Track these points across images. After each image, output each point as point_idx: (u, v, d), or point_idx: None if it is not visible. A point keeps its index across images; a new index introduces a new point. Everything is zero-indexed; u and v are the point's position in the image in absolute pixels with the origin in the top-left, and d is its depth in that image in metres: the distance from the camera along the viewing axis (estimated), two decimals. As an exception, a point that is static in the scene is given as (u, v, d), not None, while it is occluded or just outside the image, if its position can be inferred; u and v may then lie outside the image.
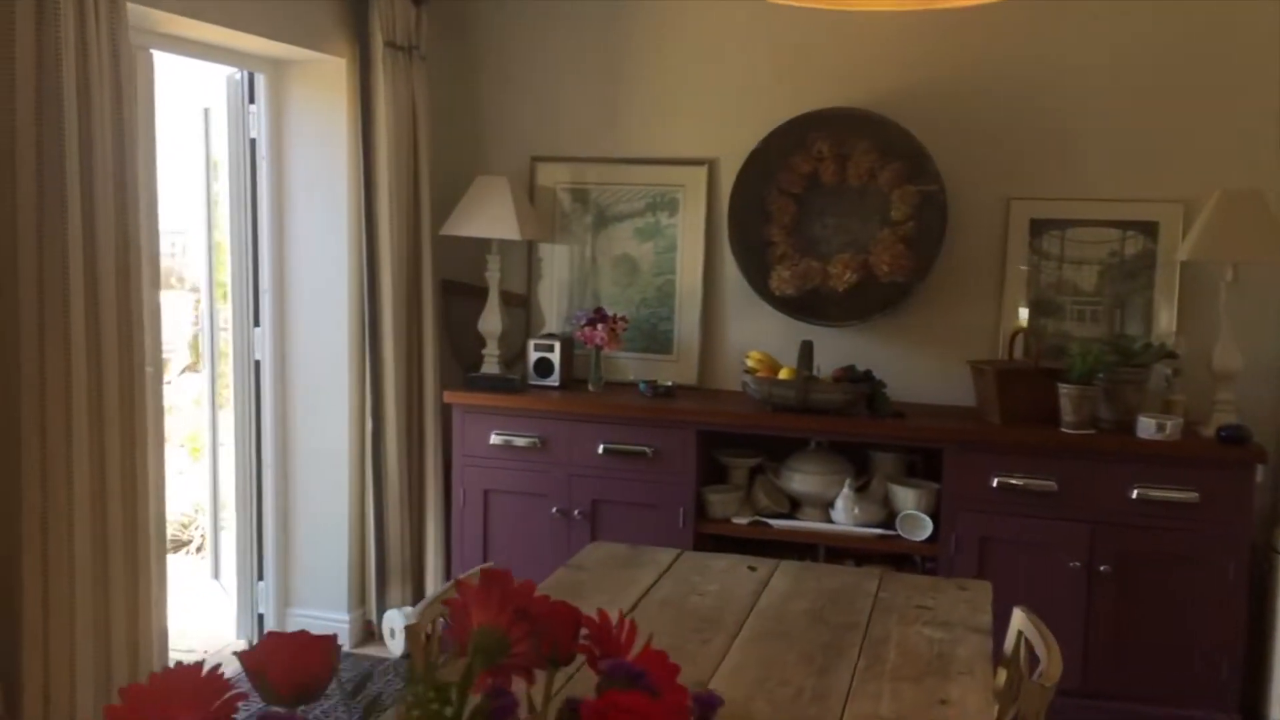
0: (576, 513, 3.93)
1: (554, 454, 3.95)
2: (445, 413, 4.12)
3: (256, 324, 4.06)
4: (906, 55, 3.96)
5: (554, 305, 4.40)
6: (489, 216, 4.02)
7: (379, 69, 3.86)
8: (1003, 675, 2.18)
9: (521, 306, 4.42)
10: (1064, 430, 3.55)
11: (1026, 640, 2.11)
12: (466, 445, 4.04)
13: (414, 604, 4.16)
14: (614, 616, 1.08)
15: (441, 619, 2.19)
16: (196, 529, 5.56)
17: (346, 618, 4.12)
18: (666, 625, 2.20)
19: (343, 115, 3.93)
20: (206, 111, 4.16)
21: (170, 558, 5.49)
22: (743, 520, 3.87)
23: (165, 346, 8.25)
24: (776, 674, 1.97)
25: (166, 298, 8.28)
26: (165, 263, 8.40)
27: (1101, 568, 3.49)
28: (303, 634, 0.71)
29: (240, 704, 0.63)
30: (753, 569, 2.59)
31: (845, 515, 3.80)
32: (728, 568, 2.60)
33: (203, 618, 4.40)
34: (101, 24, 2.57)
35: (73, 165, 2.51)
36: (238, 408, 4.10)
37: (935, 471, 3.72)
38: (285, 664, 0.65)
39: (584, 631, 0.70)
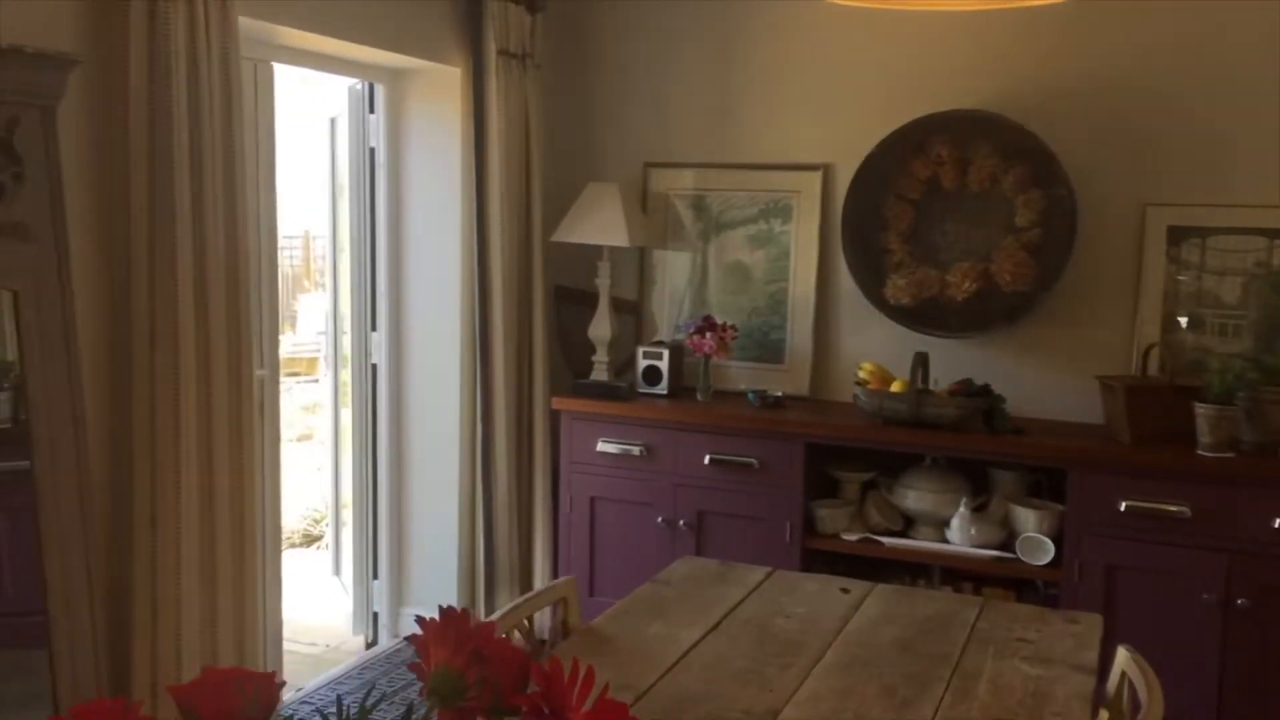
0: (682, 523, 3.87)
1: (660, 463, 3.90)
2: (555, 419, 4.13)
3: (374, 328, 4.15)
4: (1032, 52, 3.77)
5: (665, 312, 4.36)
6: (598, 223, 4.00)
7: (492, 77, 3.90)
8: (1105, 718, 2.03)
9: (633, 313, 4.39)
10: (1200, 453, 3.31)
11: (1130, 681, 1.96)
12: (574, 452, 4.03)
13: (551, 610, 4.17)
14: (690, 637, 1.01)
15: (516, 631, 2.17)
16: (326, 525, 5.73)
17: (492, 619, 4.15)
18: (746, 647, 2.13)
19: (457, 123, 3.98)
20: (333, 121, 4.27)
21: (301, 553, 5.71)
22: (853, 537, 3.75)
23: (310, 347, 8.54)
24: (854, 705, 1.88)
25: (311, 300, 8.59)
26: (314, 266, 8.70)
27: (1239, 601, 3.24)
28: (240, 671, 0.68)
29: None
30: (845, 591, 2.49)
31: (961, 535, 3.64)
32: (819, 589, 2.51)
33: (326, 613, 4.52)
34: (212, 38, 2.65)
35: (182, 174, 2.59)
36: (355, 409, 4.20)
37: (1061, 493, 3.53)
38: (216, 703, 0.63)
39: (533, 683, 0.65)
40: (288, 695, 3.71)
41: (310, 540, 5.83)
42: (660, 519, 3.90)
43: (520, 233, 4.07)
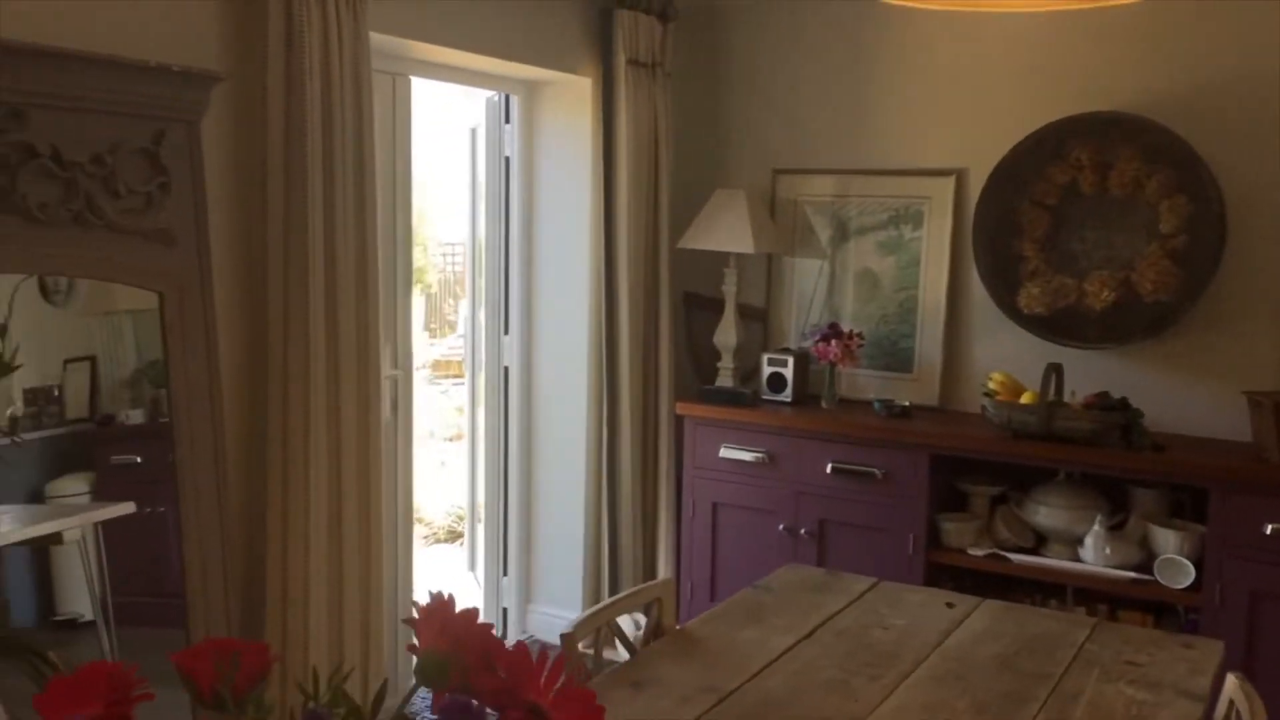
0: (803, 531, 3.85)
1: (782, 470, 3.89)
2: (679, 424, 4.16)
3: (506, 332, 4.27)
4: (1174, 51, 3.60)
5: (793, 319, 4.34)
6: (724, 230, 4.02)
7: (621, 87, 3.97)
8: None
9: (760, 320, 4.39)
10: (1357, 474, 3.10)
11: (1238, 711, 1.86)
12: (697, 457, 4.06)
13: (644, 611, 4.22)
14: (782, 643, 1.03)
15: (607, 627, 2.21)
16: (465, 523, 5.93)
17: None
18: (838, 656, 2.11)
19: (588, 132, 4.06)
20: (474, 131, 4.42)
21: (447, 548, 5.93)
22: (979, 552, 3.65)
23: (450, 350, 8.78)
24: (939, 720, 1.84)
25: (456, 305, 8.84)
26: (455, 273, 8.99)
27: (1400, 636, 3.02)
28: (237, 642, 0.74)
29: (142, 701, 0.66)
30: (951, 605, 2.43)
31: (1096, 555, 3.50)
32: (923, 601, 2.46)
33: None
34: (344, 55, 2.80)
35: (315, 183, 2.74)
36: (489, 411, 4.33)
37: (1203, 513, 3.35)
38: (211, 667, 0.69)
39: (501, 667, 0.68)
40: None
41: (455, 536, 6.05)
42: (782, 526, 3.88)
43: (648, 239, 4.13)
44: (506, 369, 4.29)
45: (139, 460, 2.87)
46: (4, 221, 2.16)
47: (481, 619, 3.03)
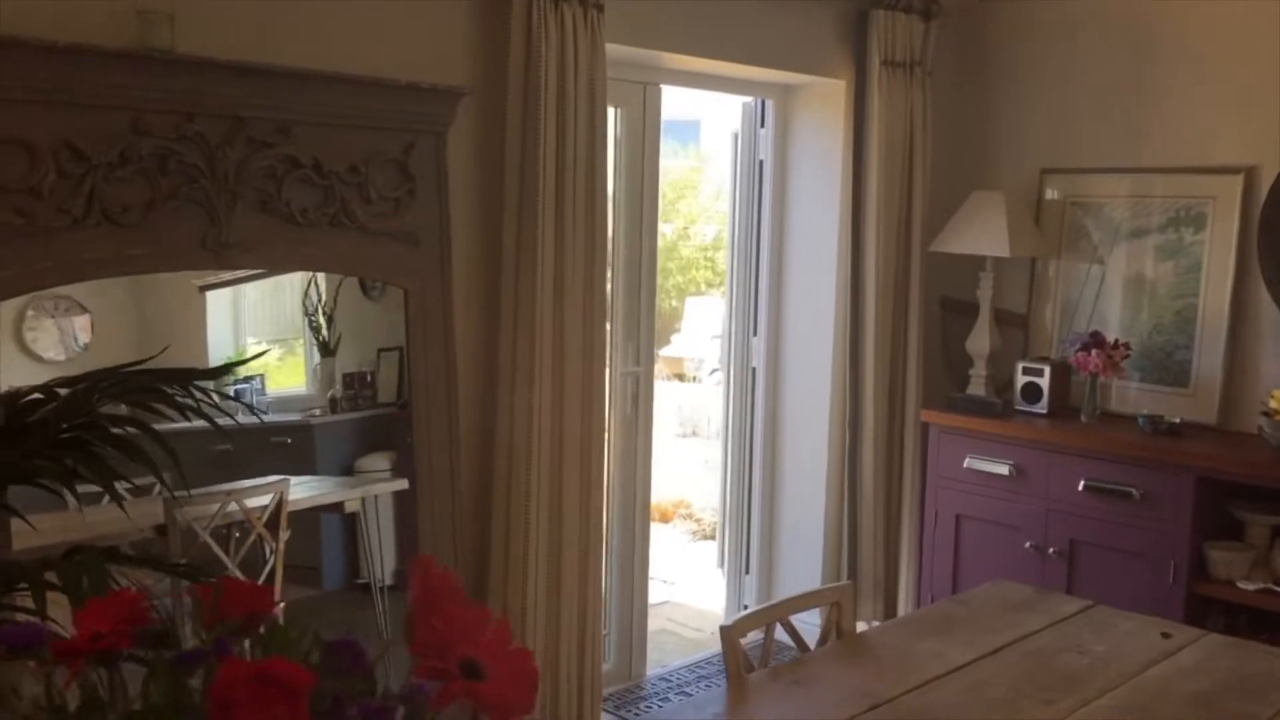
0: (1052, 551, 3.65)
1: (1031, 485, 3.71)
2: (926, 431, 4.06)
3: (755, 333, 4.34)
4: None
5: (1055, 327, 4.11)
6: (979, 232, 3.88)
7: (875, 88, 3.92)
8: None
9: (1020, 327, 4.19)
10: None
11: None
12: (941, 466, 3.94)
13: (884, 619, 4.16)
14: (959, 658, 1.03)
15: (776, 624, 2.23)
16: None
17: (818, 622, 4.22)
18: (1016, 678, 2.03)
19: (839, 134, 4.05)
20: (735, 135, 4.52)
21: (706, 545, 6.07)
22: (1251, 586, 3.32)
23: (673, 350, 8.94)
24: (1104, 752, 1.74)
25: (708, 304, 9.00)
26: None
27: None
28: (250, 583, 0.86)
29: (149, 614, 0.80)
30: (1166, 636, 2.26)
31: (1394, 600, 3.09)
32: (1136, 629, 2.30)
33: (713, 601, 4.77)
34: (580, 69, 2.97)
35: (547, 188, 2.94)
36: (735, 412, 4.41)
37: None
38: (230, 598, 0.81)
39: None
40: (653, 670, 4.01)
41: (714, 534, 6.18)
42: (1029, 544, 3.70)
43: (899, 242, 4.06)
44: (754, 370, 4.35)
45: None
46: (270, 224, 2.49)
47: (722, 614, 3.10)
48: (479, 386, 2.99)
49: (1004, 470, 3.75)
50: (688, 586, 5.16)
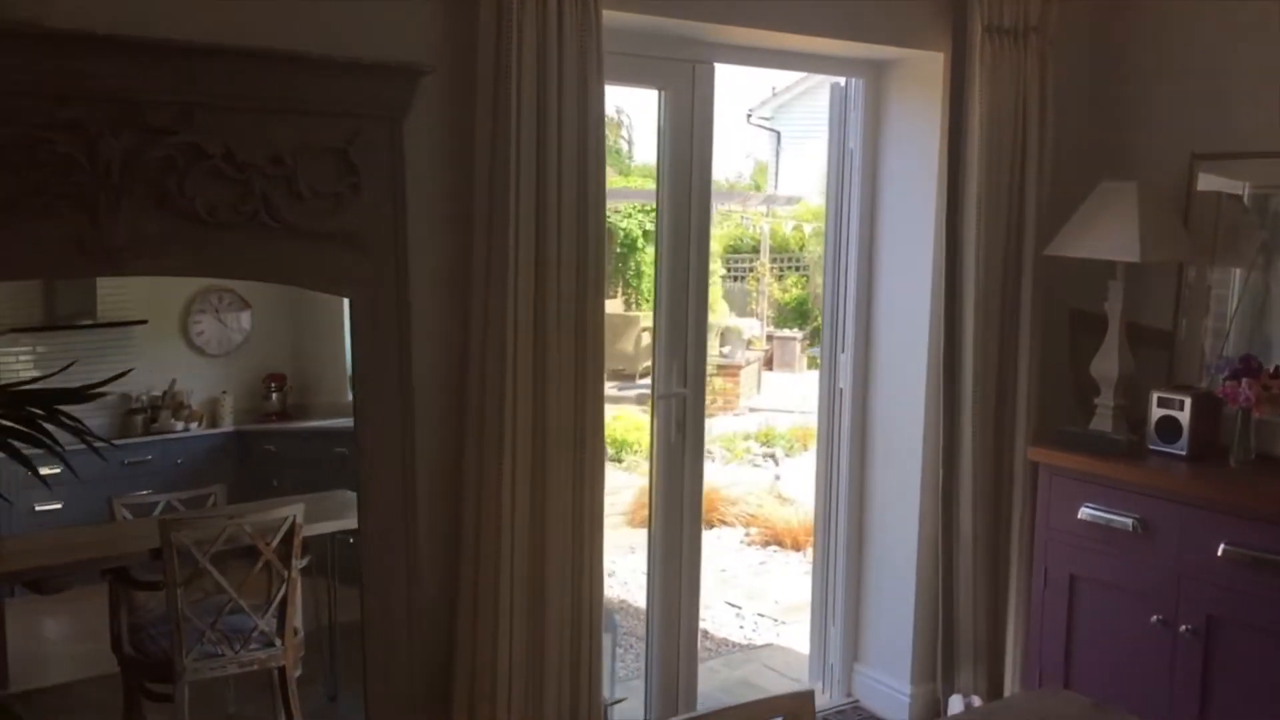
0: (1184, 628, 2.93)
1: (1161, 544, 2.99)
2: (1035, 471, 3.37)
3: (842, 349, 3.75)
4: None
5: (1209, 347, 3.35)
6: (1104, 232, 3.18)
7: (975, 60, 3.29)
8: None
9: (1165, 347, 3.44)
10: None
11: None
12: (1053, 515, 3.26)
13: (986, 694, 3.50)
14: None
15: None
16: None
17: (908, 691, 3.61)
18: None
19: (936, 118, 3.43)
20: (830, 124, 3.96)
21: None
22: None
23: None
24: None
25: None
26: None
27: None
28: None
29: None
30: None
31: None
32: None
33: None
34: (566, 41, 2.52)
35: (526, 182, 2.50)
36: (821, 439, 3.84)
37: None
38: None
39: None
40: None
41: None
42: (1156, 617, 2.98)
43: (1008, 244, 3.40)
44: (841, 391, 3.77)
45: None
46: (169, 223, 2.15)
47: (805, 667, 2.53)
48: (443, 418, 2.58)
49: (1127, 524, 3.05)
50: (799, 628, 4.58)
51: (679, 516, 3.33)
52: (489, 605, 2.55)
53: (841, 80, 3.66)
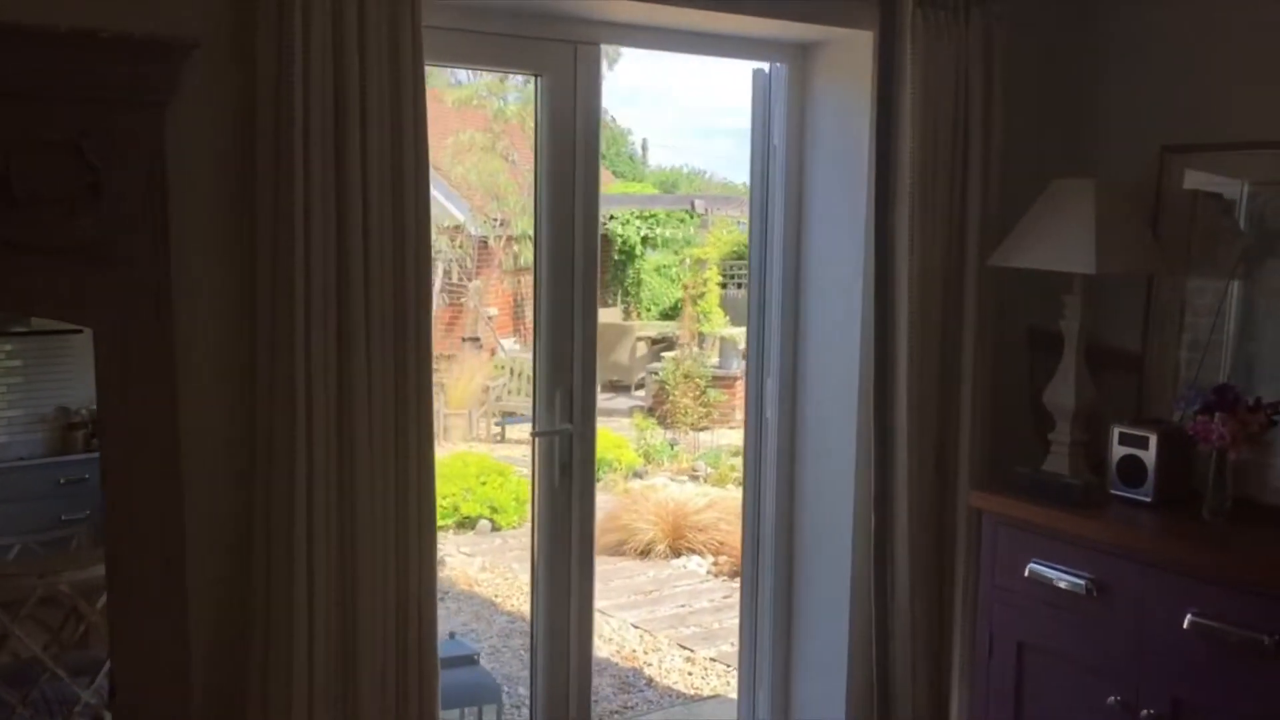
0: (1146, 712, 2.44)
1: (1117, 610, 2.51)
2: (979, 519, 2.89)
3: (768, 374, 3.29)
4: None
5: (1184, 373, 2.87)
6: (1054, 240, 2.70)
7: (906, 38, 2.82)
8: None
9: (1134, 371, 2.96)
10: None
11: None
12: (999, 571, 2.78)
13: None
14: None
15: None
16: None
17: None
18: None
19: (865, 108, 2.96)
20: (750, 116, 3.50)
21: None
22: None
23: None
24: None
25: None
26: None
27: None
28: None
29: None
30: None
31: None
32: None
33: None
34: (368, 14, 2.08)
35: (315, 179, 2.07)
36: (748, 474, 3.38)
37: None
38: None
39: None
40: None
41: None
42: (1114, 698, 2.50)
43: (946, 253, 2.92)
44: (767, 420, 3.30)
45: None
46: None
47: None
48: (225, 475, 2.14)
49: (1080, 585, 2.56)
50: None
51: (565, 580, 2.87)
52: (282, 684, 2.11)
53: (766, 66, 3.20)
